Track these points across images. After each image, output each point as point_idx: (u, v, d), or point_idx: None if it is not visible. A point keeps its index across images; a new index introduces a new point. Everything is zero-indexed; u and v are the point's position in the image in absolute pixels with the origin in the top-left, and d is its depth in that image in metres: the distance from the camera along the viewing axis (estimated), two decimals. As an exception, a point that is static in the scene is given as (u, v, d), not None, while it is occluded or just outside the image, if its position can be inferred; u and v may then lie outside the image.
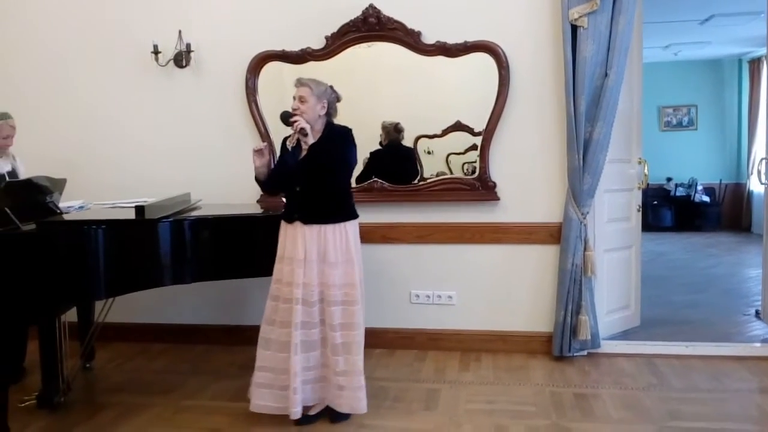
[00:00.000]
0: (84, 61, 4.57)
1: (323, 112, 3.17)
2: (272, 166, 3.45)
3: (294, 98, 3.16)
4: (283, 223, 3.23)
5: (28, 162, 4.09)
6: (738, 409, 3.29)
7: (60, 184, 3.77)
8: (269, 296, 3.21)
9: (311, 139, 3.10)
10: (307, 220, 3.11)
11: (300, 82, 3.17)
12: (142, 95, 4.52)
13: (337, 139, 3.16)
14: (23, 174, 3.93)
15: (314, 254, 3.09)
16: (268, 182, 3.32)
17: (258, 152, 3.24)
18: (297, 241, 3.11)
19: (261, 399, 3.17)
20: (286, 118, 3.13)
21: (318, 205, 3.14)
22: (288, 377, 3.08)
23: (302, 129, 3.08)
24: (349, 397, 3.13)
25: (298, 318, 3.07)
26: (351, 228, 3.19)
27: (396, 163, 4.42)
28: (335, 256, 3.11)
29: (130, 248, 3.17)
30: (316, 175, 3.12)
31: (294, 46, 4.25)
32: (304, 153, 3.16)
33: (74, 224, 3.18)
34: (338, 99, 3.26)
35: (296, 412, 3.07)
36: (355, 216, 3.23)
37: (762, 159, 4.53)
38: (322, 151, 3.09)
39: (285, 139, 3.28)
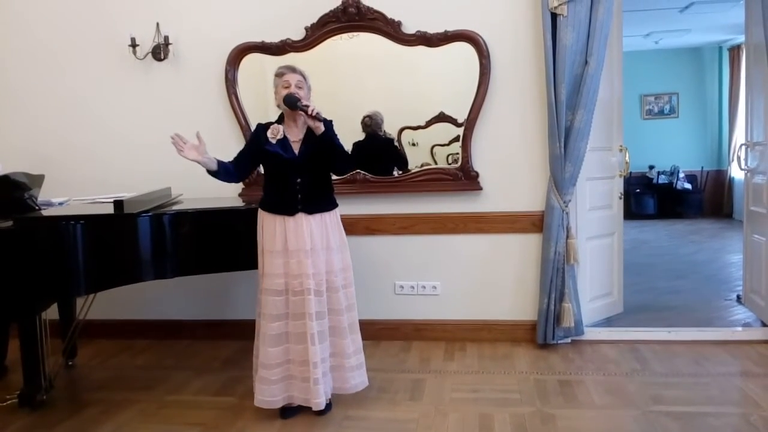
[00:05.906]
0: (61, 56, 4.51)
1: None
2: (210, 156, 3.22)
3: (285, 83, 3.08)
4: (270, 216, 3.14)
5: (6, 158, 4.03)
6: (719, 392, 3.32)
7: (38, 180, 3.73)
8: (264, 291, 3.12)
9: (322, 127, 3.04)
10: (312, 210, 3.11)
11: (293, 69, 3.12)
12: (120, 89, 4.46)
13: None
14: (0, 170, 3.88)
15: (319, 243, 3.11)
16: (227, 171, 3.20)
17: (187, 147, 3.12)
18: (302, 232, 3.07)
19: (270, 395, 3.09)
20: (294, 102, 3.02)
21: (319, 195, 3.17)
22: (307, 369, 3.05)
23: (318, 113, 3.00)
24: (361, 374, 3.24)
25: (312, 308, 3.04)
26: (338, 214, 3.26)
27: (376, 152, 4.37)
28: (335, 242, 3.17)
29: (109, 243, 3.15)
30: (321, 164, 3.13)
31: (274, 38, 4.22)
32: (297, 144, 3.11)
33: (53, 220, 3.14)
34: None
35: (320, 403, 3.04)
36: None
37: (741, 145, 4.56)
38: (326, 138, 3.06)
39: (263, 130, 3.17)
